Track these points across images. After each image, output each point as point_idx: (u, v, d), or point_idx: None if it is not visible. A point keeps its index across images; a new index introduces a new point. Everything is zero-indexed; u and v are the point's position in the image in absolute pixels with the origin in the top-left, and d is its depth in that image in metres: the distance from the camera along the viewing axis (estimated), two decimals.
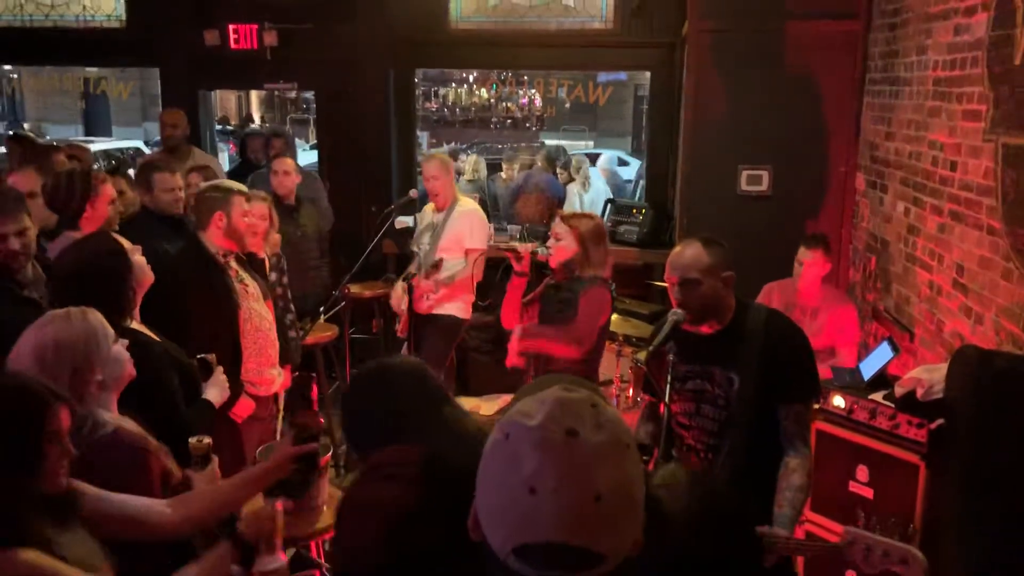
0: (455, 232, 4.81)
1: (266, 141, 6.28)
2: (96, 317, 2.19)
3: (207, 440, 2.41)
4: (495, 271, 4.72)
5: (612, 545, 1.00)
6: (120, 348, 2.23)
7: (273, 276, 4.22)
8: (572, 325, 3.49)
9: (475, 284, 4.92)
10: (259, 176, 5.70)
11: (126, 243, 2.80)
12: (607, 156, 8.04)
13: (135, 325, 2.74)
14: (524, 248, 3.74)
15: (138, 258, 2.79)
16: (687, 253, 2.50)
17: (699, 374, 2.54)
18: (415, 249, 5.08)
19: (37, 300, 2.95)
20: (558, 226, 3.69)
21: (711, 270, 2.47)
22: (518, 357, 3.67)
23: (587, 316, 3.52)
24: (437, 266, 4.72)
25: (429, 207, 5.06)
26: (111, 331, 2.21)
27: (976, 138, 3.33)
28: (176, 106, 6.46)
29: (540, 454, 0.99)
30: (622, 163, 13.36)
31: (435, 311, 4.86)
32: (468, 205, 4.98)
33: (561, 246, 3.62)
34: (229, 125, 17.58)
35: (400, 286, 4.90)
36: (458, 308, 4.90)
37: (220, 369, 3.01)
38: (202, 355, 2.98)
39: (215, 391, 2.93)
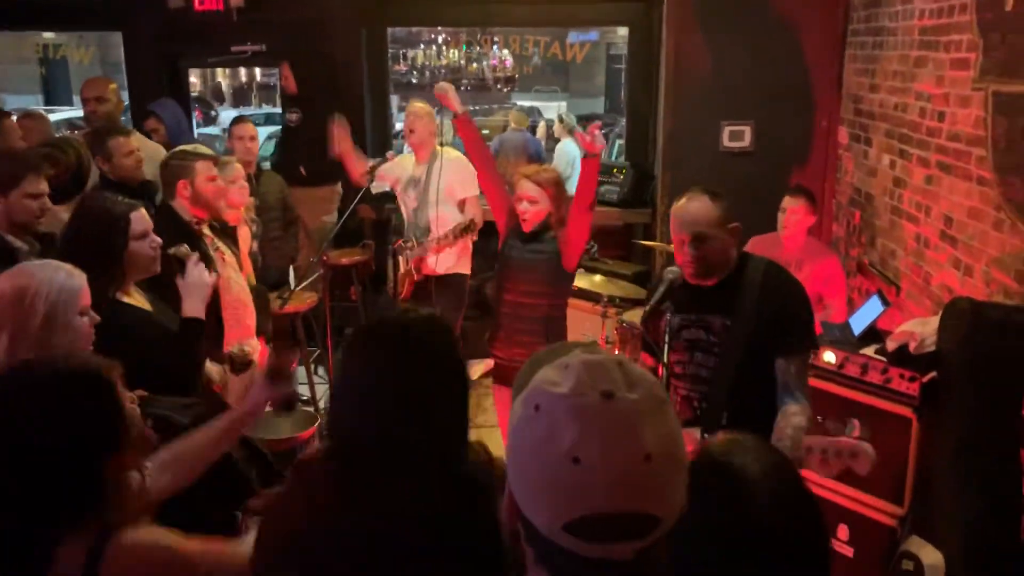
0: (445, 184, 4.56)
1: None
2: (73, 281, 2.08)
3: (248, 350, 2.33)
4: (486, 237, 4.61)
5: (666, 506, 0.94)
6: (85, 323, 2.10)
7: (255, 245, 4.11)
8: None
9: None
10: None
11: (142, 217, 2.65)
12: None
13: (129, 299, 2.62)
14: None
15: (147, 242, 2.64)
16: (695, 207, 2.44)
17: (696, 323, 2.51)
18: (401, 205, 4.84)
19: None
20: (528, 187, 3.53)
21: (720, 223, 2.42)
22: None
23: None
24: (468, 227, 4.41)
25: (408, 160, 4.81)
26: (83, 301, 2.10)
27: (965, 87, 3.28)
28: (143, 73, 6.22)
29: (579, 421, 0.93)
30: None
31: (444, 271, 4.64)
32: (452, 153, 4.76)
33: (538, 209, 3.53)
34: (194, 92, 17.18)
35: (403, 257, 4.64)
36: (465, 264, 4.74)
37: (194, 259, 2.78)
38: (172, 249, 2.76)
39: (192, 299, 2.69)
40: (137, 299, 2.66)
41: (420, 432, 1.47)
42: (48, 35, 9.68)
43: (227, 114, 14.78)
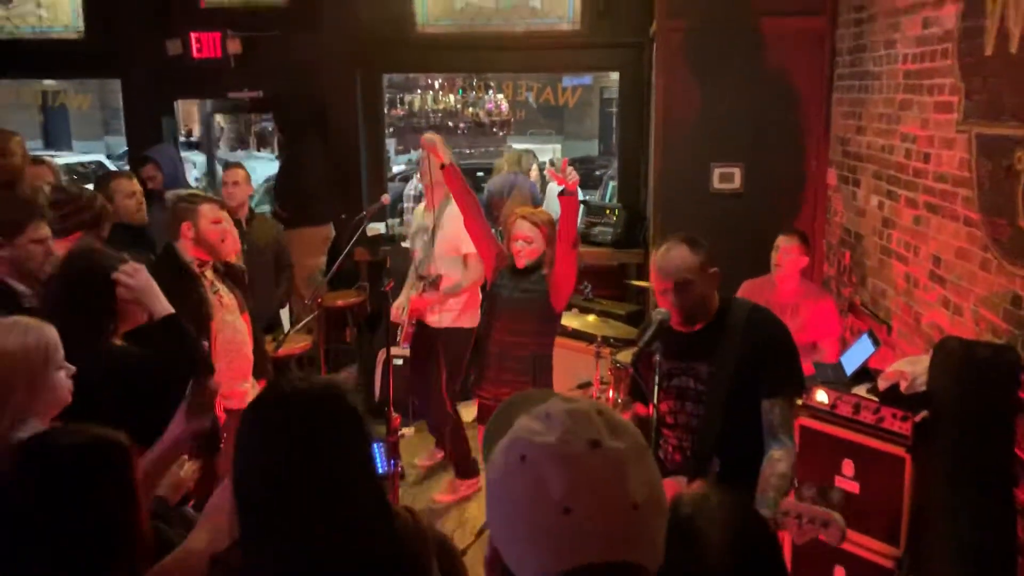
0: (449, 236, 4.41)
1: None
2: (45, 336, 2.07)
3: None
4: None
5: (652, 554, 0.95)
6: (63, 377, 2.08)
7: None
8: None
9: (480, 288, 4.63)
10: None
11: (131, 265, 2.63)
12: None
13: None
14: None
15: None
16: (676, 256, 2.47)
17: (684, 371, 2.52)
18: (411, 251, 4.81)
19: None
20: (524, 228, 3.64)
21: (701, 269, 2.46)
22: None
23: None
24: (436, 284, 4.43)
25: (420, 207, 4.81)
26: (59, 355, 2.08)
27: (949, 129, 3.34)
28: (140, 118, 6.29)
29: (568, 471, 0.92)
30: None
31: (447, 325, 4.55)
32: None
33: (533, 248, 3.61)
34: (192, 136, 17.33)
35: (403, 298, 4.65)
36: (469, 319, 4.59)
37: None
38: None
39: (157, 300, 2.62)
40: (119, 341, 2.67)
41: (324, 502, 1.40)
42: (48, 82, 9.81)
43: (202, 159, 14.65)
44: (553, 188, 7.92)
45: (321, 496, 1.40)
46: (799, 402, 3.15)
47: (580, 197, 3.63)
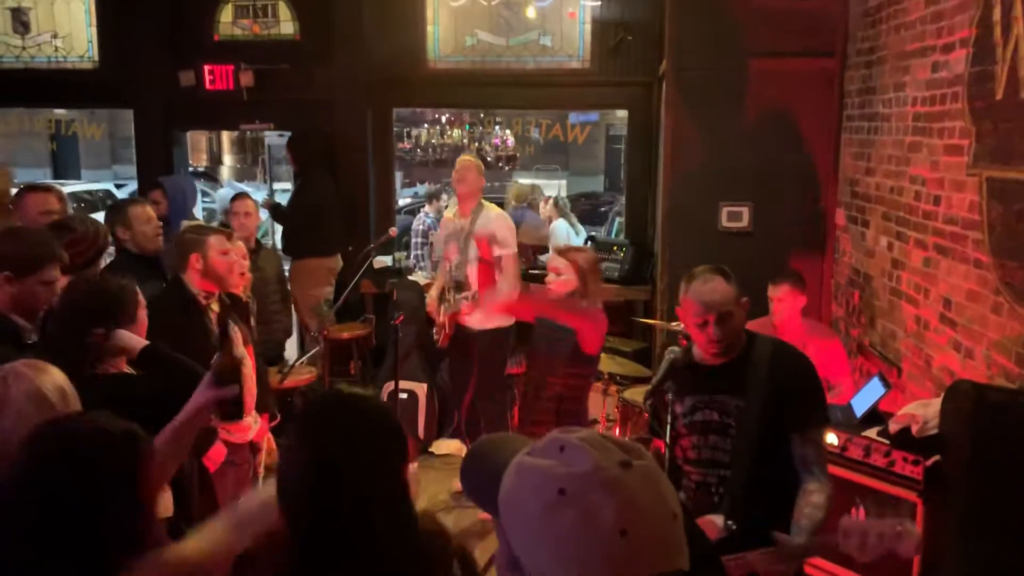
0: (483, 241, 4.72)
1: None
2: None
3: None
4: None
5: (687, 557, 0.99)
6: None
7: (252, 321, 4.13)
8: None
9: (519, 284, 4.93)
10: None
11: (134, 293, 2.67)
12: None
13: (119, 369, 2.63)
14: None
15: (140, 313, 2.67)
16: (716, 288, 2.46)
17: (708, 404, 2.50)
18: (442, 259, 5.03)
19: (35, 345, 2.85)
20: (555, 260, 3.70)
21: (737, 299, 2.47)
22: None
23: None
24: (476, 299, 4.67)
25: (450, 213, 5.01)
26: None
27: (959, 172, 3.34)
28: (151, 148, 6.33)
29: (615, 495, 0.95)
30: None
31: (486, 326, 4.77)
32: (494, 210, 4.90)
33: (561, 280, 3.63)
34: (200, 167, 17.47)
35: (433, 295, 4.96)
36: (504, 319, 4.80)
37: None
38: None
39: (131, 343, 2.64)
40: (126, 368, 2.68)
41: (355, 507, 1.47)
42: (60, 111, 9.91)
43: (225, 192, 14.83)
44: (557, 225, 7.95)
45: (363, 502, 1.47)
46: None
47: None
